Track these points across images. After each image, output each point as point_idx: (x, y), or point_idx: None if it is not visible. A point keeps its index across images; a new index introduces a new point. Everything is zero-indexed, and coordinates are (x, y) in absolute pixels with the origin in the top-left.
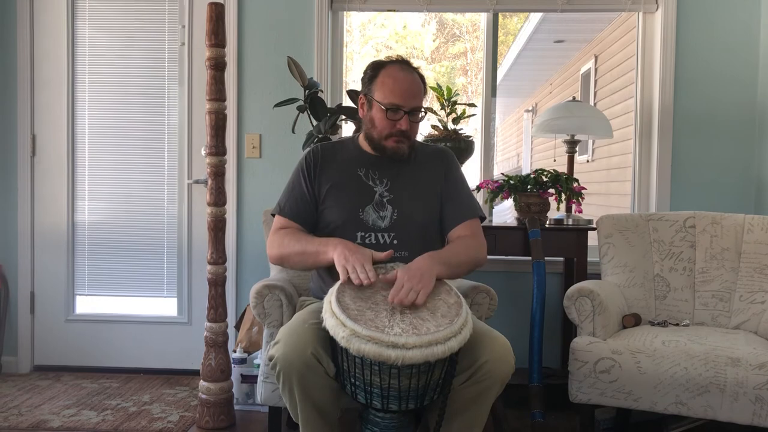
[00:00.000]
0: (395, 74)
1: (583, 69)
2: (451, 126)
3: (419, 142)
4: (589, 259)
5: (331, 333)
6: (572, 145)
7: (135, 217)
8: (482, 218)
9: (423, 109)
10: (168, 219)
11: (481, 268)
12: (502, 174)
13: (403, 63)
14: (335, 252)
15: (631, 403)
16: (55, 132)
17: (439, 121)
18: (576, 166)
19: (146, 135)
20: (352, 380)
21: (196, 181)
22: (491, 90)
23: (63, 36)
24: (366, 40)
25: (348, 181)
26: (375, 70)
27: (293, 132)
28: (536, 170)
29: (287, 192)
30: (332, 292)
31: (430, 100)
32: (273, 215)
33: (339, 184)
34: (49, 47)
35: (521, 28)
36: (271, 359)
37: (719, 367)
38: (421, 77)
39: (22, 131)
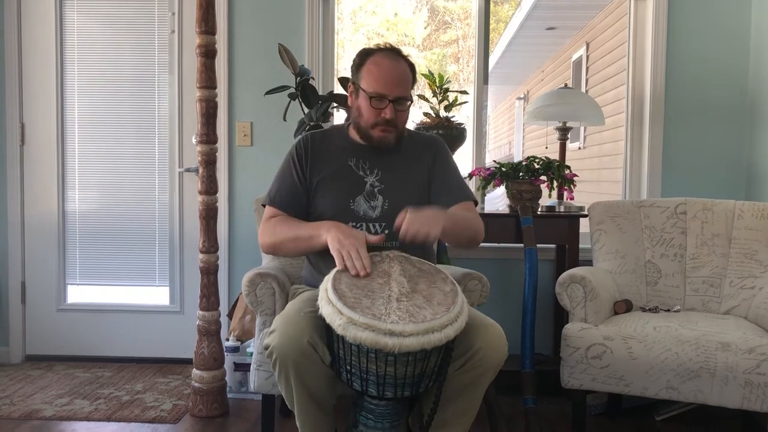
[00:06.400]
0: (381, 62)
1: (575, 56)
2: (443, 113)
3: (411, 130)
4: (580, 245)
5: (328, 321)
6: (564, 132)
7: (126, 206)
8: (475, 203)
9: (410, 99)
10: (159, 208)
11: (474, 250)
12: (494, 161)
13: (390, 51)
14: (328, 235)
15: (622, 389)
16: (44, 120)
17: (431, 108)
18: (568, 154)
19: (136, 123)
20: (348, 368)
21: (187, 170)
22: (483, 77)
23: (51, 23)
24: (357, 27)
25: (339, 172)
26: (363, 57)
27: (284, 120)
28: (528, 157)
29: (278, 182)
30: (328, 279)
31: (422, 88)
32: (264, 206)
33: (330, 175)
34: (37, 35)
35: (513, 15)
36: (266, 348)
37: (710, 352)
38: (411, 65)
39: (10, 120)
